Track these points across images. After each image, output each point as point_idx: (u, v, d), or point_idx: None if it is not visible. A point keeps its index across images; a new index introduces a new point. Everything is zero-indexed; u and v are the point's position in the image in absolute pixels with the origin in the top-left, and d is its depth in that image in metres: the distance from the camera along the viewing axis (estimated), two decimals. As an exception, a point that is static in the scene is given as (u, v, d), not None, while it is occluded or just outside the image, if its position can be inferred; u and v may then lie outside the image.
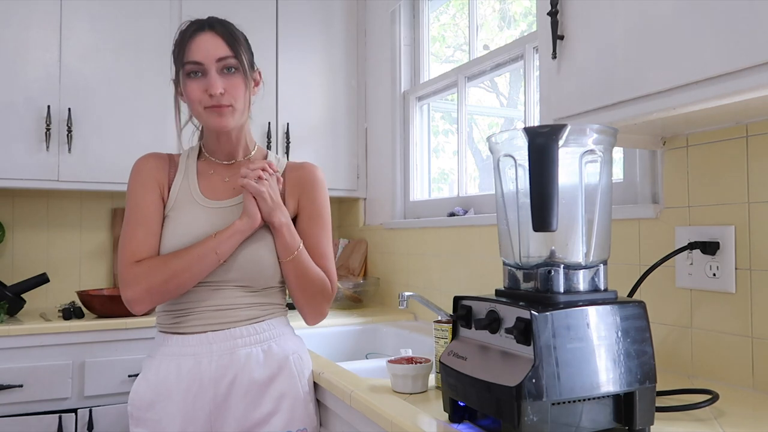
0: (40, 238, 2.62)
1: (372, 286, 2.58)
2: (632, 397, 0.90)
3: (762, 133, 1.20)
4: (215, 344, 1.34)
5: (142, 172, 1.42)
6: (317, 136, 2.77)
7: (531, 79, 1.93)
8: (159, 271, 1.30)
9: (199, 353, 1.33)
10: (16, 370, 2.03)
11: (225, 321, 1.35)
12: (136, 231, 1.35)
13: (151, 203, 1.38)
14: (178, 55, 1.36)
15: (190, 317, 1.35)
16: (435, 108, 2.63)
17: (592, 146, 0.94)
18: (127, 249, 1.34)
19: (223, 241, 1.31)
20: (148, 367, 1.38)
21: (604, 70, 1.11)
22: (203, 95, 1.34)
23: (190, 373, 1.32)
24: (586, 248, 0.94)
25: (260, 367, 1.35)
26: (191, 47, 1.34)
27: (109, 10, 2.42)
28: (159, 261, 1.32)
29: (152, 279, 1.30)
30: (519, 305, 0.90)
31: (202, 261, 1.30)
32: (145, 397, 1.34)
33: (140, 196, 1.39)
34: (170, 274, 1.30)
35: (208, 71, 1.34)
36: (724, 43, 0.90)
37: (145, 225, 1.36)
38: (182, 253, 1.32)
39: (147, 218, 1.36)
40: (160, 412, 1.33)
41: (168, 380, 1.33)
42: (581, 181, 0.94)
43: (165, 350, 1.36)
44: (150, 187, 1.40)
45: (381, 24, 2.73)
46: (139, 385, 1.37)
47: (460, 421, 1.01)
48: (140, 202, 1.38)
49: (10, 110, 2.26)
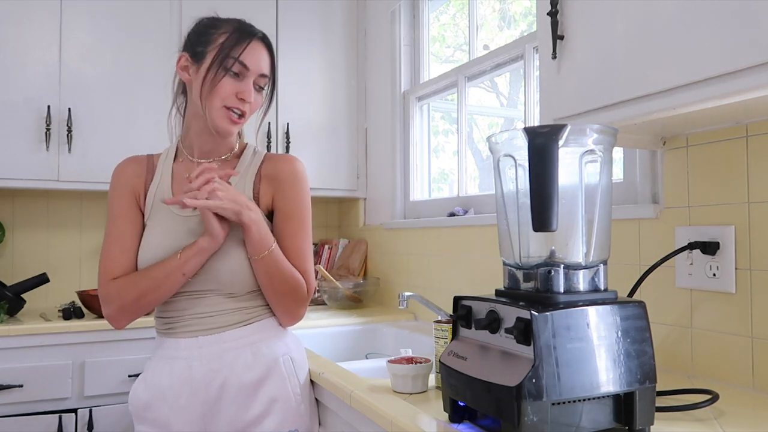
0: (40, 238, 2.62)
1: (372, 286, 2.58)
2: (632, 397, 0.90)
3: (762, 133, 1.20)
4: (205, 348, 1.34)
5: (120, 181, 1.40)
6: (317, 136, 2.77)
7: (531, 79, 1.93)
8: (129, 291, 1.31)
9: (190, 356, 1.33)
10: (16, 370, 2.03)
11: (213, 327, 1.35)
12: (111, 247, 1.35)
13: (126, 216, 1.37)
14: (227, 46, 1.32)
15: (180, 323, 1.35)
16: (435, 108, 2.63)
17: (592, 146, 0.94)
18: (103, 266, 1.35)
19: (188, 260, 1.29)
20: (146, 367, 1.40)
21: (604, 70, 1.11)
22: (232, 96, 1.33)
23: (181, 375, 1.33)
24: (586, 248, 0.94)
25: (249, 369, 1.34)
26: (247, 50, 1.33)
27: (109, 10, 2.42)
28: (129, 280, 1.32)
29: (124, 298, 1.31)
30: (519, 305, 0.90)
31: (169, 280, 1.30)
32: (141, 397, 1.36)
33: (116, 208, 1.38)
34: (139, 294, 1.30)
35: (247, 79, 1.34)
36: (724, 43, 0.90)
37: (119, 241, 1.35)
38: (150, 272, 1.31)
39: (121, 233, 1.36)
40: (156, 412, 1.34)
41: (161, 382, 1.34)
42: (581, 181, 0.94)
43: (160, 352, 1.37)
44: (126, 199, 1.38)
45: (381, 24, 2.73)
46: (137, 385, 1.38)
47: (460, 421, 1.01)
48: (116, 214, 1.38)
49: (10, 110, 2.26)
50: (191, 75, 1.36)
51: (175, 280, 1.30)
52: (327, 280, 2.50)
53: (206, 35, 1.35)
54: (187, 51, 1.38)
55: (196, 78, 1.35)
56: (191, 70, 1.36)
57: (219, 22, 1.37)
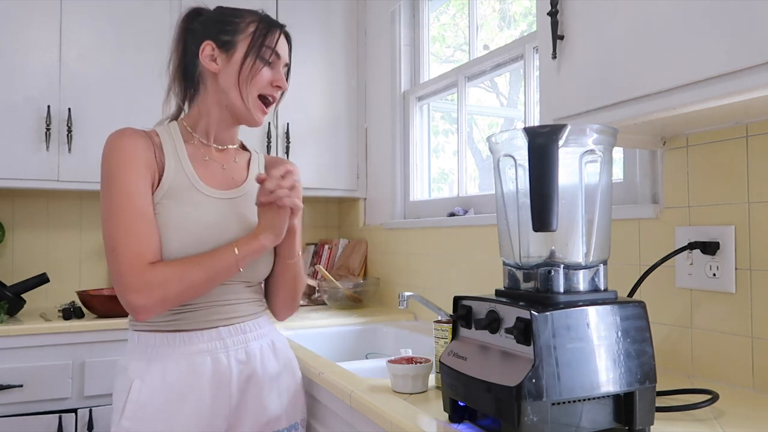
0: (40, 238, 2.62)
1: (372, 286, 2.58)
2: (632, 397, 0.90)
3: (762, 133, 1.20)
4: (228, 339, 1.29)
5: (131, 153, 1.25)
6: (317, 136, 2.77)
7: (531, 79, 1.93)
8: (176, 281, 1.20)
9: (214, 349, 1.27)
10: (16, 370, 2.03)
11: (234, 315, 1.32)
12: (136, 226, 1.20)
13: (145, 194, 1.24)
14: (260, 35, 1.33)
15: (198, 313, 1.28)
16: (435, 108, 2.63)
17: (592, 146, 0.94)
18: (130, 248, 1.18)
19: (246, 257, 1.24)
20: (144, 372, 1.24)
21: (604, 70, 1.10)
22: (268, 84, 1.34)
23: (207, 371, 1.26)
24: (586, 248, 0.94)
25: (271, 361, 1.36)
26: (277, 38, 1.35)
27: (109, 11, 2.42)
28: (176, 269, 1.20)
29: (169, 289, 1.19)
30: (519, 305, 0.90)
31: (223, 275, 1.24)
32: (151, 405, 1.22)
33: (132, 184, 1.22)
34: (188, 285, 1.21)
35: (278, 66, 1.36)
36: (724, 43, 0.90)
37: (144, 220, 1.21)
38: (202, 262, 1.22)
39: (143, 212, 1.22)
40: (170, 420, 1.23)
41: (180, 382, 1.24)
42: (581, 181, 0.94)
43: (167, 351, 1.26)
44: (142, 174, 1.24)
45: (381, 24, 2.73)
46: (138, 393, 1.22)
47: (460, 421, 1.01)
48: (133, 191, 1.22)
49: (10, 110, 2.26)
50: (219, 64, 1.33)
51: (229, 276, 1.26)
52: (327, 280, 2.50)
53: (231, 24, 1.34)
54: (211, 40, 1.33)
55: (227, 67, 1.32)
56: (219, 59, 1.33)
57: (240, 12, 1.36)
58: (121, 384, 1.27)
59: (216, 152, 1.39)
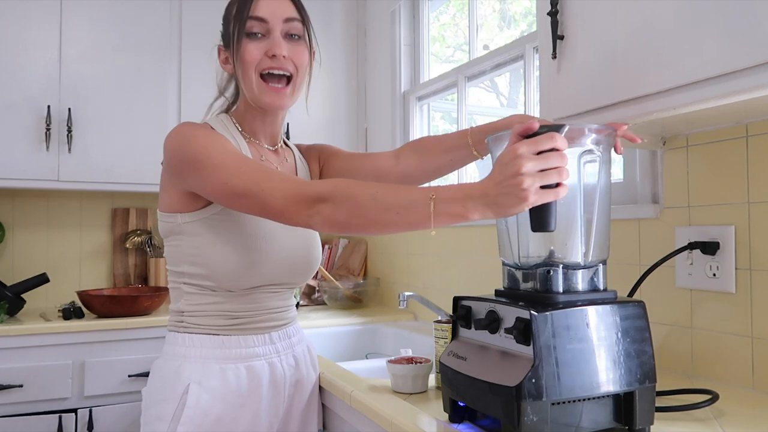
0: (40, 238, 2.62)
1: (372, 286, 2.58)
2: (632, 396, 0.90)
3: (762, 133, 1.20)
4: (278, 343, 1.27)
5: (210, 132, 1.14)
6: (317, 136, 2.75)
7: (531, 79, 1.93)
8: (362, 192, 0.94)
9: (267, 353, 1.24)
10: (16, 370, 2.03)
11: (282, 322, 1.30)
12: (264, 168, 1.05)
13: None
14: (239, 11, 1.17)
15: (256, 319, 1.24)
16: (435, 108, 2.63)
17: (591, 146, 0.94)
18: (281, 179, 1.02)
19: (441, 217, 0.87)
20: (201, 374, 1.16)
21: (604, 70, 1.10)
22: (263, 58, 1.16)
23: (264, 377, 1.23)
24: (585, 248, 0.94)
25: (310, 368, 1.36)
26: (257, 3, 1.16)
27: (109, 10, 2.42)
28: (358, 182, 0.98)
29: (357, 197, 0.94)
30: (518, 305, 0.90)
31: (409, 218, 0.90)
32: (211, 409, 1.15)
33: (232, 148, 1.11)
34: (379, 211, 0.92)
35: (272, 32, 1.17)
36: (724, 43, 0.90)
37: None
38: (394, 192, 0.93)
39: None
40: (230, 424, 1.17)
41: (240, 386, 1.19)
42: (580, 180, 0.94)
43: (224, 353, 1.19)
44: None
45: (381, 24, 2.73)
46: (195, 397, 1.13)
47: (460, 421, 1.01)
48: (245, 157, 1.09)
49: (10, 110, 2.26)
50: (231, 63, 1.22)
51: (410, 226, 0.91)
52: (327, 280, 2.50)
53: (225, 18, 1.23)
54: (221, 42, 1.26)
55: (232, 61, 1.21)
56: (230, 58, 1.22)
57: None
58: (171, 387, 1.16)
59: (269, 152, 1.29)
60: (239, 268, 1.17)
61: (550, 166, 0.80)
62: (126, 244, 2.71)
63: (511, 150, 0.81)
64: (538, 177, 0.80)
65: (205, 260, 1.18)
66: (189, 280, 1.21)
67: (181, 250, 1.20)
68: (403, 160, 1.33)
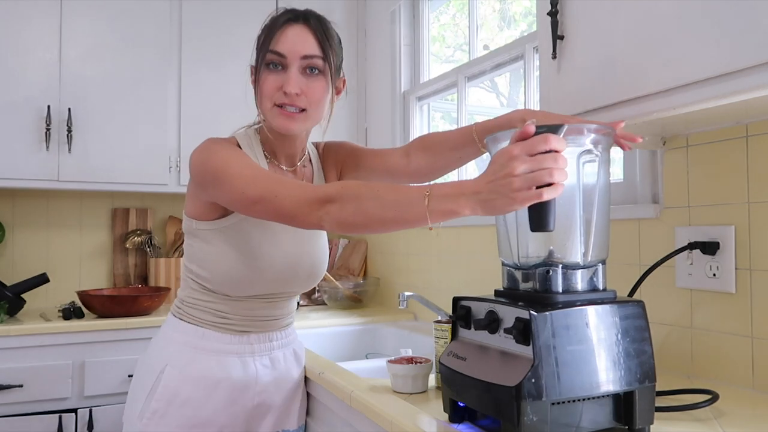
0: (40, 238, 2.62)
1: (372, 286, 2.58)
2: (632, 396, 0.90)
3: (762, 133, 1.19)
4: (255, 345, 1.34)
5: (234, 148, 1.19)
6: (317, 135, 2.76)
7: (531, 79, 1.93)
8: (365, 192, 0.98)
9: (242, 352, 1.33)
10: (16, 370, 2.03)
11: (268, 328, 1.37)
12: (281, 177, 1.12)
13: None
14: (264, 41, 1.21)
15: (242, 323, 1.33)
16: (435, 108, 2.63)
17: (590, 146, 0.94)
18: (295, 185, 1.08)
19: (435, 214, 0.90)
20: (177, 358, 1.28)
21: (604, 70, 1.10)
22: (277, 92, 1.19)
23: (234, 371, 1.31)
24: (585, 248, 0.94)
25: (292, 369, 1.41)
26: (279, 36, 1.19)
27: (109, 10, 2.42)
28: (362, 183, 1.02)
29: (363, 196, 0.97)
30: (518, 305, 0.90)
31: (408, 215, 0.93)
32: (180, 391, 1.26)
33: (251, 161, 1.16)
34: (379, 209, 0.96)
35: (289, 67, 1.19)
36: (724, 43, 0.90)
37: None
38: (391, 190, 0.97)
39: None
40: (196, 409, 1.27)
41: (209, 376, 1.28)
42: (579, 180, 0.94)
43: (201, 344, 1.29)
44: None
45: (381, 24, 2.73)
46: (169, 377, 1.26)
47: (460, 421, 1.01)
48: (264, 170, 1.13)
49: (10, 110, 2.26)
50: (254, 86, 1.27)
51: (408, 223, 0.94)
52: (327, 280, 2.50)
53: (256, 42, 1.25)
54: (252, 62, 1.27)
55: None
56: (253, 82, 1.27)
57: (269, 21, 1.25)
58: (155, 363, 1.29)
59: (288, 173, 1.33)
60: (238, 279, 1.27)
61: (543, 167, 0.81)
62: (126, 244, 2.71)
63: (506, 151, 0.83)
64: (530, 178, 0.81)
65: (209, 266, 1.28)
66: (195, 278, 1.32)
67: (194, 251, 1.31)
68: (413, 160, 1.39)
